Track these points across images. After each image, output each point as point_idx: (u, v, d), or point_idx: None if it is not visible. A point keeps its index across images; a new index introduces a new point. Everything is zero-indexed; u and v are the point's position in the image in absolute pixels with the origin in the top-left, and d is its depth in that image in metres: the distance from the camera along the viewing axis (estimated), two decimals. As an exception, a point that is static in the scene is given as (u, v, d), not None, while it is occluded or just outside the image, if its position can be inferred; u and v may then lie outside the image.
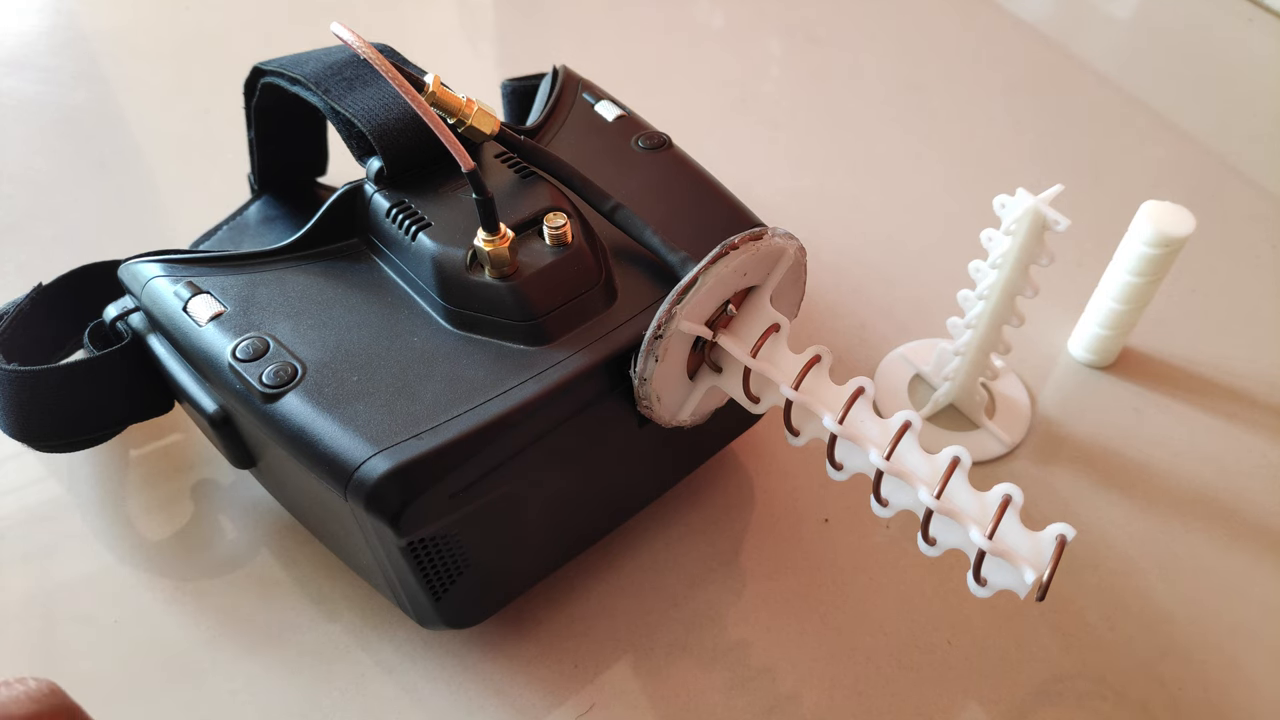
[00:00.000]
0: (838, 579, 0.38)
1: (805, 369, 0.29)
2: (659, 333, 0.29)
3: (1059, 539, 0.26)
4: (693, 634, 0.36)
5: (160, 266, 0.33)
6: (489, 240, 0.30)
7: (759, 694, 0.35)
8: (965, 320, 0.40)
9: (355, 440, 0.28)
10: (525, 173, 0.34)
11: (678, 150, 0.39)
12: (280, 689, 0.35)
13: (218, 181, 0.50)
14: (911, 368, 0.45)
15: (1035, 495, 0.41)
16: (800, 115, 0.61)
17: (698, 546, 0.39)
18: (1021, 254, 0.37)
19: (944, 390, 0.43)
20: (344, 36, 0.29)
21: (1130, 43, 0.70)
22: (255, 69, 0.39)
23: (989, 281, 0.38)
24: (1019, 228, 0.36)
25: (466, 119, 0.33)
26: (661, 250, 0.33)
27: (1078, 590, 0.38)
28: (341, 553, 0.36)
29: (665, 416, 0.32)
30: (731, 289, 0.31)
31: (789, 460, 0.42)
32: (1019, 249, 0.37)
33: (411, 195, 0.33)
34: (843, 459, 0.30)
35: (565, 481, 0.33)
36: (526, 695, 0.35)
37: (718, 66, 0.65)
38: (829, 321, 0.48)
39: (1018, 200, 0.36)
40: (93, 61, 0.63)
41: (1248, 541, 0.40)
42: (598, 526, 0.37)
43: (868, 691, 0.35)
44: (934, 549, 0.28)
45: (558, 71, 0.41)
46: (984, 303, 0.39)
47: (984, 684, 0.35)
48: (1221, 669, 0.36)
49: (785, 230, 0.31)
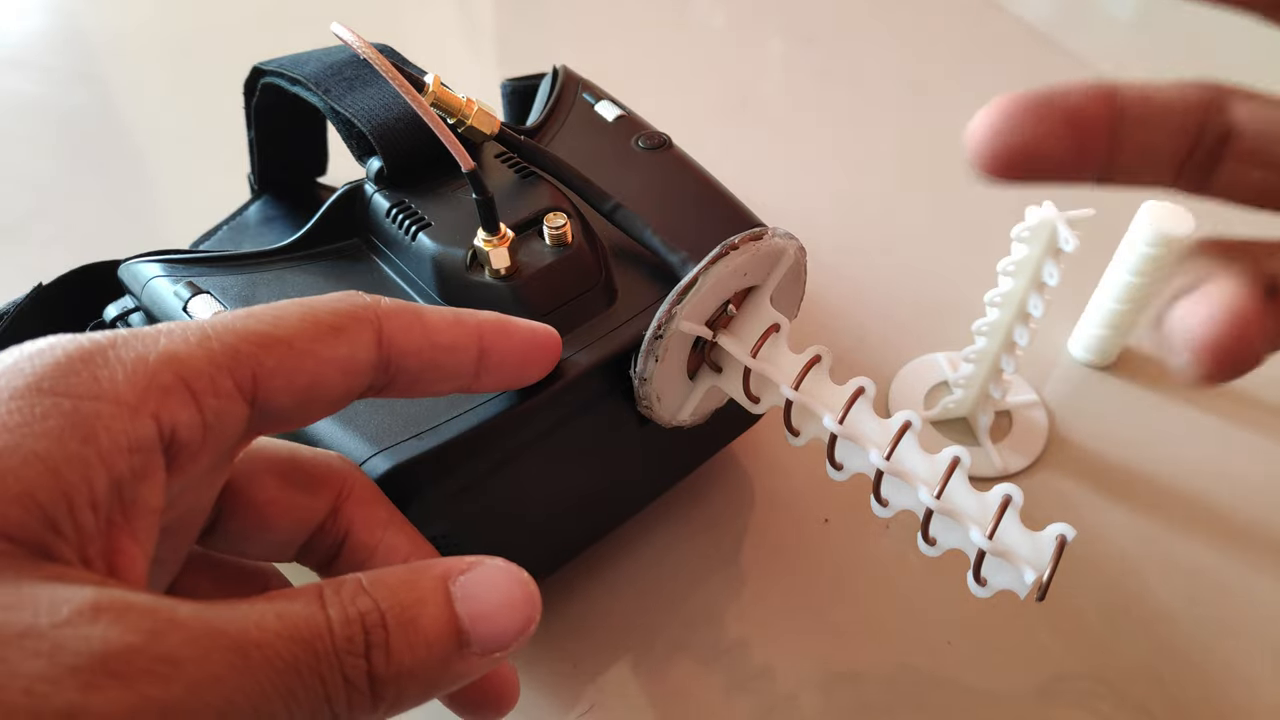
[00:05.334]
0: (838, 579, 0.38)
1: (805, 369, 0.29)
2: (659, 333, 0.29)
3: (1059, 539, 0.26)
4: (693, 634, 0.36)
5: (160, 266, 0.33)
6: (489, 240, 0.30)
7: (759, 694, 0.35)
8: (976, 326, 0.40)
9: (355, 440, 0.28)
10: (525, 173, 0.34)
11: (678, 150, 0.39)
12: (280, 689, 0.35)
13: (218, 181, 0.50)
14: (937, 373, 0.45)
15: (1035, 495, 0.41)
16: (800, 115, 0.61)
17: (698, 546, 0.39)
18: (1034, 265, 0.36)
19: (955, 397, 0.43)
20: (344, 36, 0.29)
21: (1130, 43, 0.70)
22: (255, 69, 0.39)
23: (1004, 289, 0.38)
24: (1034, 238, 0.36)
25: (466, 119, 0.33)
26: (661, 250, 0.33)
27: (1078, 590, 0.38)
28: (341, 553, 0.36)
29: (665, 416, 0.32)
30: (731, 289, 0.31)
31: (789, 460, 0.42)
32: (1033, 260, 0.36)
33: (411, 195, 0.33)
34: (843, 459, 0.30)
35: (565, 481, 0.33)
36: (526, 695, 0.35)
37: (718, 66, 0.65)
38: (829, 321, 0.48)
39: (1040, 211, 0.36)
40: (93, 61, 0.63)
41: (1247, 541, 0.40)
42: (598, 526, 0.37)
43: (868, 691, 0.35)
44: (934, 549, 0.28)
45: (558, 71, 0.41)
46: (997, 310, 0.39)
47: (984, 684, 0.35)
48: (1221, 669, 0.36)
49: (785, 230, 0.31)
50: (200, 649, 0.16)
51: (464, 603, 0.20)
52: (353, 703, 0.18)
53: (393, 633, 0.18)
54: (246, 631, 0.17)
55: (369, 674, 0.18)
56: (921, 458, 0.28)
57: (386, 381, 0.23)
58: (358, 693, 0.18)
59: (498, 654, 0.20)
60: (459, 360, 0.24)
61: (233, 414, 0.20)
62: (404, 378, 0.23)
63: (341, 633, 0.18)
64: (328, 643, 0.17)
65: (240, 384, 0.20)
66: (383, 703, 0.18)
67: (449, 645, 0.19)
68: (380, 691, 0.18)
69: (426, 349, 0.23)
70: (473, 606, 0.20)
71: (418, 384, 0.24)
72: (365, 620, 0.18)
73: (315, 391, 0.21)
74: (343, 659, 0.18)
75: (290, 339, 0.20)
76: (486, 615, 0.20)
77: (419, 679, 0.19)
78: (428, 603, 0.19)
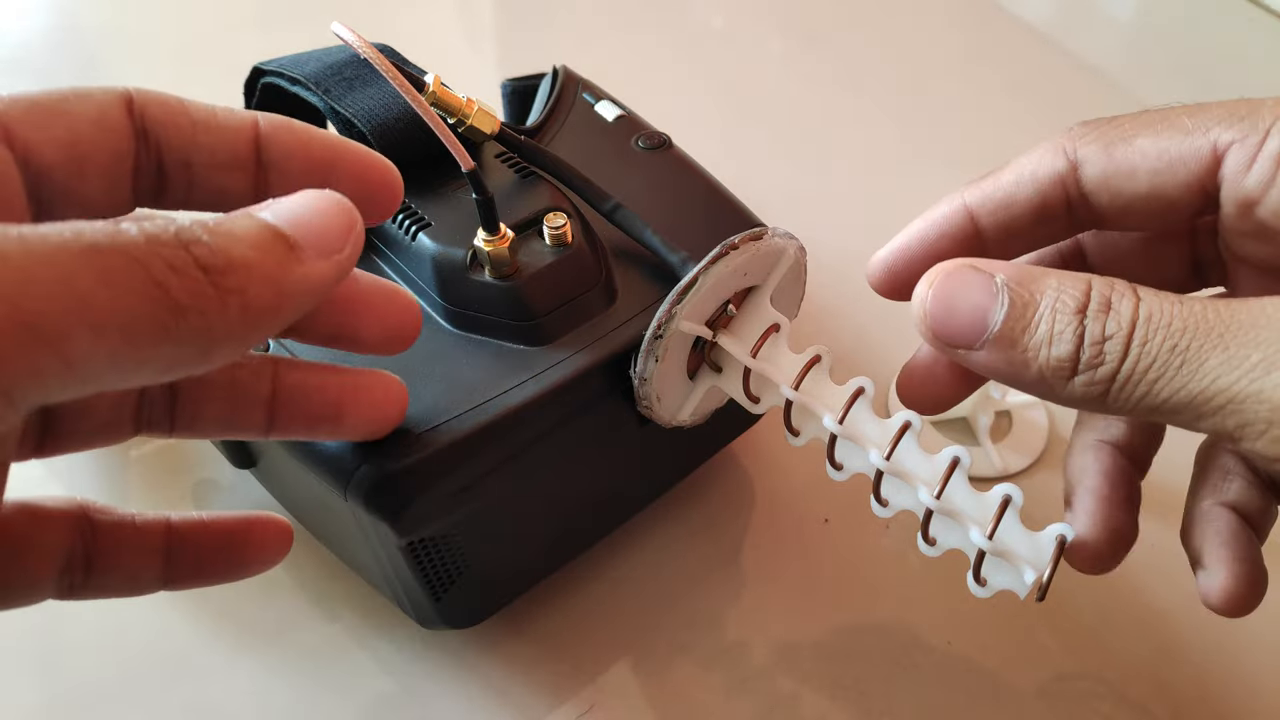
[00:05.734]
0: (838, 579, 0.38)
1: (805, 369, 0.29)
2: (659, 333, 0.29)
3: (1059, 539, 0.26)
4: (693, 634, 0.36)
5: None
6: (489, 240, 0.30)
7: (759, 694, 0.35)
8: None
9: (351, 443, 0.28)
10: (525, 173, 0.34)
11: (678, 150, 0.39)
12: (280, 689, 0.35)
13: (218, 181, 0.50)
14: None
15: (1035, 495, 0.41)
16: (800, 115, 0.61)
17: (698, 546, 0.39)
18: None
19: None
20: (344, 36, 0.29)
21: (1130, 43, 0.70)
22: (255, 69, 0.38)
23: None
24: None
25: (467, 119, 0.33)
26: (661, 250, 0.33)
27: (1078, 590, 0.38)
28: (342, 553, 0.36)
29: (665, 416, 0.32)
30: (731, 289, 0.31)
31: (789, 460, 0.42)
32: None
33: (411, 195, 0.33)
34: (843, 459, 0.30)
35: (565, 481, 0.33)
36: (526, 695, 0.35)
37: (718, 66, 0.65)
38: (829, 321, 0.48)
39: None
40: (93, 62, 0.63)
41: (1248, 541, 0.40)
42: (598, 526, 0.37)
43: (868, 692, 0.35)
44: (934, 549, 0.28)
45: (558, 71, 0.41)
46: None
47: (984, 684, 0.35)
48: (1221, 669, 0.36)
49: (785, 230, 0.31)
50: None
51: (276, 214, 0.20)
52: (192, 289, 0.17)
53: (211, 233, 0.18)
54: (45, 237, 0.16)
55: (195, 262, 0.17)
56: (921, 458, 0.28)
57: (154, 164, 0.22)
58: (190, 278, 0.17)
59: (336, 255, 0.20)
60: (228, 143, 0.23)
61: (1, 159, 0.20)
62: (171, 158, 0.22)
63: (151, 233, 0.17)
64: (137, 239, 0.17)
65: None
66: (231, 295, 0.18)
67: (271, 239, 0.19)
68: (219, 281, 0.17)
69: (184, 120, 0.22)
70: (285, 213, 0.20)
71: (192, 170, 0.23)
72: (177, 231, 0.17)
73: (78, 148, 0.21)
74: (158, 249, 0.17)
75: (34, 97, 0.21)
76: (303, 219, 0.20)
77: (258, 272, 0.18)
78: (238, 217, 0.19)
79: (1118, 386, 0.21)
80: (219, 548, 0.26)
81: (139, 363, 0.17)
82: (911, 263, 0.27)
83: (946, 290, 0.23)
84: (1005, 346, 0.22)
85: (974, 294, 0.23)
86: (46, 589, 0.23)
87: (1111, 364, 0.21)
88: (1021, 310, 0.22)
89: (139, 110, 0.22)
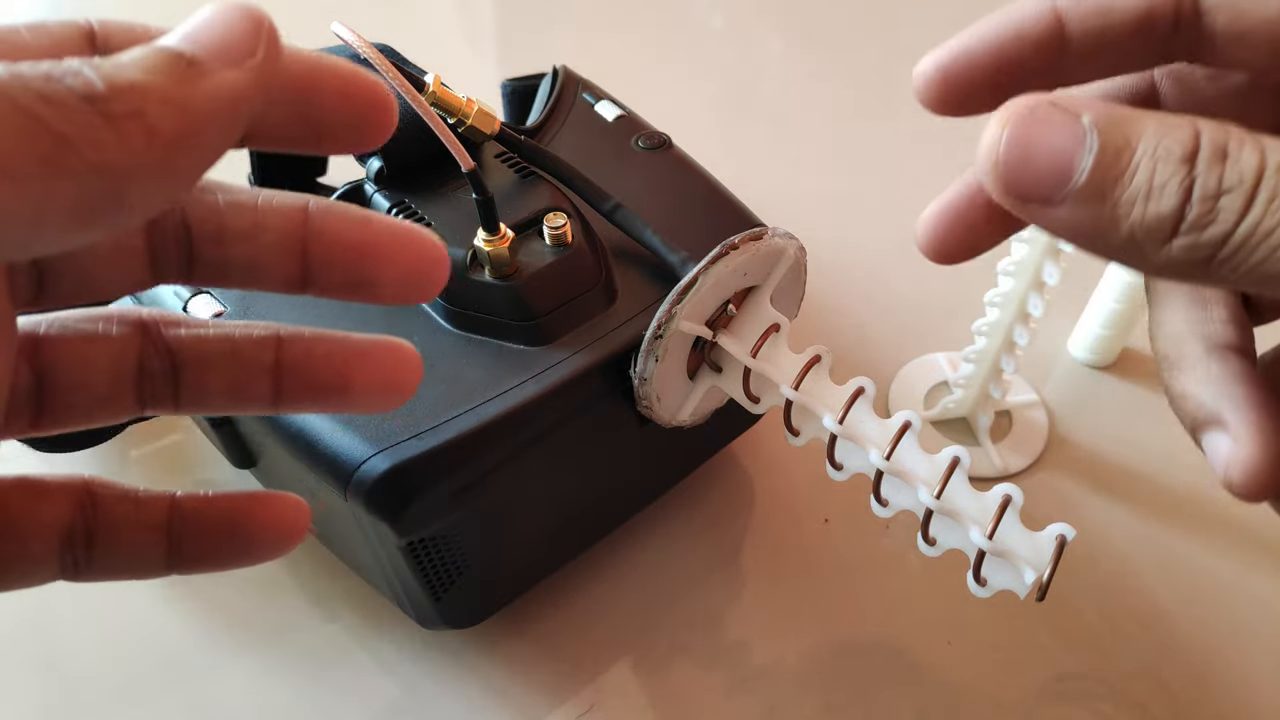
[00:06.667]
0: (838, 579, 0.38)
1: (805, 369, 0.29)
2: (659, 333, 0.29)
3: (1059, 539, 0.26)
4: (693, 634, 0.36)
5: (160, 266, 0.33)
6: (489, 240, 0.30)
7: (759, 694, 0.35)
8: (976, 326, 0.40)
9: (356, 440, 0.28)
10: (525, 173, 0.34)
11: (678, 150, 0.39)
12: (280, 689, 0.35)
13: (218, 181, 0.50)
14: (937, 373, 0.45)
15: (1035, 495, 0.41)
16: (800, 115, 0.61)
17: (698, 546, 0.39)
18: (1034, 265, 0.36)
19: (955, 397, 0.42)
20: (344, 36, 0.29)
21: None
22: (255, 69, 0.38)
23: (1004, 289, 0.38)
24: (1034, 238, 0.36)
25: (467, 119, 0.33)
26: (661, 250, 0.33)
27: (1078, 590, 0.38)
28: (342, 553, 0.36)
29: (665, 416, 0.32)
30: (731, 289, 0.31)
31: (789, 460, 0.42)
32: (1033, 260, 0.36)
33: (411, 195, 0.33)
34: (843, 459, 0.30)
35: (565, 481, 0.33)
36: (526, 695, 0.35)
37: (718, 66, 0.65)
38: (829, 321, 0.48)
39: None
40: (93, 61, 0.63)
41: (1247, 541, 0.40)
42: (598, 526, 0.37)
43: (868, 691, 0.35)
44: (934, 549, 0.28)
45: (558, 71, 0.41)
46: (997, 310, 0.38)
47: (984, 684, 0.35)
48: (1221, 669, 0.36)
49: (785, 230, 0.31)
50: None
51: (170, 35, 0.18)
52: (72, 119, 0.16)
53: (93, 66, 0.16)
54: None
55: (71, 92, 0.16)
56: (921, 458, 0.28)
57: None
58: (69, 107, 0.16)
59: (249, 60, 0.18)
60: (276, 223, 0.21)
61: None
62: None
63: (16, 70, 0.16)
64: (1, 75, 0.15)
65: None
66: (127, 121, 0.16)
67: (163, 58, 0.17)
68: (107, 108, 0.16)
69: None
70: (176, 33, 0.18)
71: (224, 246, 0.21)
72: (49, 67, 0.16)
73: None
74: (26, 83, 0.15)
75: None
76: (197, 32, 0.18)
77: (155, 94, 0.17)
78: (126, 50, 0.17)
79: (1230, 249, 0.18)
80: (225, 525, 0.24)
81: (37, 206, 0.15)
82: (974, 66, 0.22)
83: (1024, 131, 0.19)
84: (1092, 200, 0.18)
85: (1056, 135, 0.19)
86: (50, 567, 0.23)
87: (1226, 224, 0.18)
88: (1115, 157, 0.18)
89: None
